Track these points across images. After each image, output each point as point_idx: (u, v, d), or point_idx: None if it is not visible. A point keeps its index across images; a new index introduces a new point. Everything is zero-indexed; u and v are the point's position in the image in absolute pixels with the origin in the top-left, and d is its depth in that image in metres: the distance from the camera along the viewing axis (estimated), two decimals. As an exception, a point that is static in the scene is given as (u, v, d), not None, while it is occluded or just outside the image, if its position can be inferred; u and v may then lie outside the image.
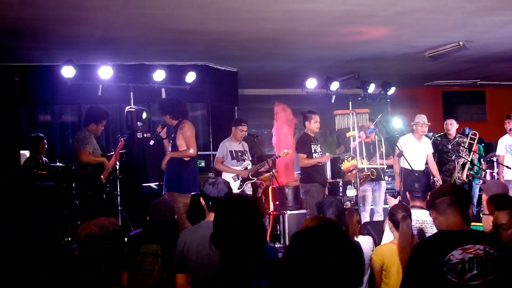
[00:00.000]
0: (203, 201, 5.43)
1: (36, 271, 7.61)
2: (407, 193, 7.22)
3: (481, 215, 7.45)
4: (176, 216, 6.78)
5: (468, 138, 12.74)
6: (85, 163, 9.87)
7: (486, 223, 6.61)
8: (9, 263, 7.70)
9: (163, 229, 6.09)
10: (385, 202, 11.15)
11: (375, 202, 11.54)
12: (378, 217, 11.16)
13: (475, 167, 13.10)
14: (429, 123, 11.76)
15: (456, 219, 4.15)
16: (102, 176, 9.95)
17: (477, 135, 12.77)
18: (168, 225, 6.14)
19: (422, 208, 6.59)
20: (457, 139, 12.40)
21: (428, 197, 4.54)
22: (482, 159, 13.67)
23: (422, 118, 11.72)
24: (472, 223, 10.13)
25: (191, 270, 5.11)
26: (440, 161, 12.30)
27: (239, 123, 11.36)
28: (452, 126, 12.47)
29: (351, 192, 10.50)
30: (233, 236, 3.35)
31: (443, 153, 12.36)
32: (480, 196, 12.31)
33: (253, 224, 3.41)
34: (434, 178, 11.22)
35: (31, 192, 9.27)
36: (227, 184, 5.56)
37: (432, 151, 11.84)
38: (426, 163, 11.67)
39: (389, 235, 6.72)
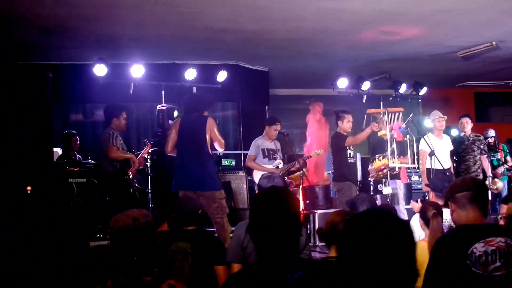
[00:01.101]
0: None
1: (37, 271, 7.64)
2: (432, 193, 7.18)
3: None
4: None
5: (489, 140, 12.72)
6: (114, 158, 9.93)
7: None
8: (31, 260, 7.76)
9: (187, 221, 6.07)
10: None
11: (398, 201, 11.49)
12: (402, 217, 11.09)
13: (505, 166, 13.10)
14: (445, 117, 11.68)
15: (476, 214, 4.19)
16: (129, 172, 10.02)
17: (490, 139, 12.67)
18: (192, 218, 6.12)
19: None
20: (472, 138, 12.32)
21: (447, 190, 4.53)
22: (508, 157, 13.62)
23: (437, 113, 11.66)
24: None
25: (246, 261, 5.21)
26: (458, 160, 12.25)
27: (273, 122, 11.39)
28: (468, 124, 12.41)
29: (387, 189, 10.44)
30: (269, 227, 3.35)
31: (459, 152, 12.27)
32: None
33: (289, 216, 3.41)
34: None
35: (63, 188, 9.35)
36: (282, 178, 5.61)
37: (452, 147, 11.76)
38: None
39: None
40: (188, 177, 8.99)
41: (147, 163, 10.84)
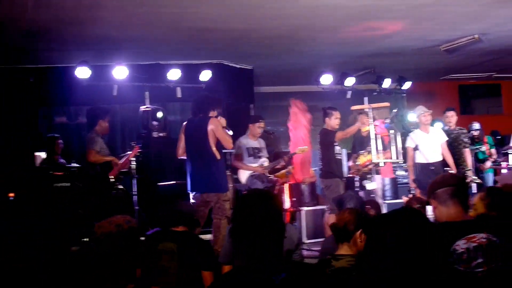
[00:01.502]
0: None
1: (37, 271, 7.62)
2: (417, 188, 7.23)
3: None
4: None
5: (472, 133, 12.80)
6: (93, 162, 9.91)
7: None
8: (20, 263, 7.74)
9: (179, 221, 6.04)
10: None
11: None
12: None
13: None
14: (431, 111, 11.70)
15: (457, 210, 4.23)
16: (110, 174, 9.96)
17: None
18: (184, 220, 6.09)
19: None
20: (456, 131, 12.32)
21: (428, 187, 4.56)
22: (492, 149, 13.66)
23: (422, 109, 11.68)
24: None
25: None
26: None
27: (257, 120, 11.39)
28: (453, 117, 12.42)
29: (371, 185, 10.45)
30: (253, 230, 3.36)
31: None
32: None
33: (272, 218, 3.42)
34: (450, 170, 11.16)
35: (48, 193, 9.34)
36: (268, 178, 5.63)
37: (446, 139, 11.70)
38: None
39: None
40: (194, 180, 9.01)
41: (131, 166, 10.77)
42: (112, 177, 10.03)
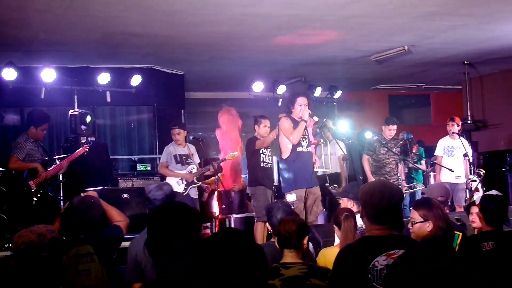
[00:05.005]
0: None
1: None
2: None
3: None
4: None
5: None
6: (12, 169, 9.46)
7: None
8: None
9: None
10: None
11: None
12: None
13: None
14: (335, 127, 11.84)
15: (380, 225, 3.98)
16: (31, 182, 9.45)
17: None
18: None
19: None
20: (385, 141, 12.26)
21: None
22: (422, 160, 13.77)
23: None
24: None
25: (146, 278, 5.09)
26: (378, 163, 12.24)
27: (172, 126, 11.18)
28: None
29: (290, 197, 10.37)
30: (165, 243, 3.30)
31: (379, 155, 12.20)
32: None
33: (186, 231, 3.36)
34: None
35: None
36: (170, 187, 5.55)
37: (341, 154, 11.85)
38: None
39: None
40: None
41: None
42: (33, 186, 9.48)
